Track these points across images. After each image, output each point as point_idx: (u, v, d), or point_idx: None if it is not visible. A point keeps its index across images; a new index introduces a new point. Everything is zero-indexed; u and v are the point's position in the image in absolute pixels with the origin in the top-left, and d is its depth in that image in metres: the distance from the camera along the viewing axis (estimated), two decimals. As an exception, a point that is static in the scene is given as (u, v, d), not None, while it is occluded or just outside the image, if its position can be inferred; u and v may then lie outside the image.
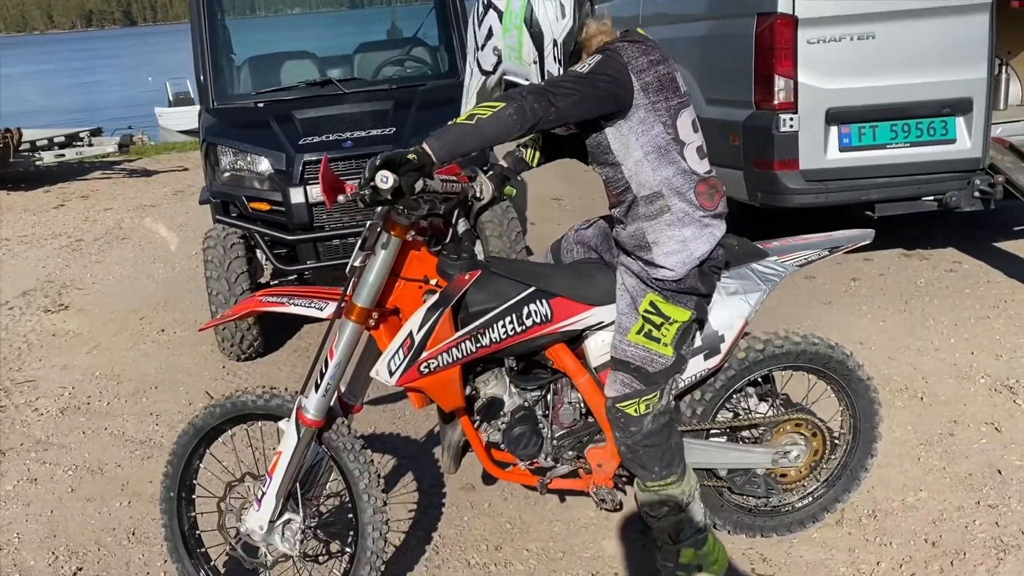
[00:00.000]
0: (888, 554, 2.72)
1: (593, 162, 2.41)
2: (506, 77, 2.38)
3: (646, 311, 2.34)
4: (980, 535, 2.77)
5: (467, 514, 3.10)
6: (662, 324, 2.34)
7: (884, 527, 2.85)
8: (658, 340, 2.34)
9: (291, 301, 2.43)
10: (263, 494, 2.41)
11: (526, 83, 2.32)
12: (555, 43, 2.29)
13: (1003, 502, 2.93)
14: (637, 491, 2.49)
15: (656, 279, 2.33)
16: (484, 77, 2.40)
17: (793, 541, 2.80)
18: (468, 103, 2.44)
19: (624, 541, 2.89)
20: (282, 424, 2.40)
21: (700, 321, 2.44)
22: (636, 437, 2.36)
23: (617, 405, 2.36)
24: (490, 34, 2.34)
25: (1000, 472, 3.10)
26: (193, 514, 2.66)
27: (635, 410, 2.34)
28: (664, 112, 2.26)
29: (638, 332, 2.34)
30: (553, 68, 2.30)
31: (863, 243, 2.71)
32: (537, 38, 2.28)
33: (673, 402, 2.43)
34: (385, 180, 2.04)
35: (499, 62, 2.36)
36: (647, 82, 2.24)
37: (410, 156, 2.04)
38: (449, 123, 2.14)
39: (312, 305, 2.39)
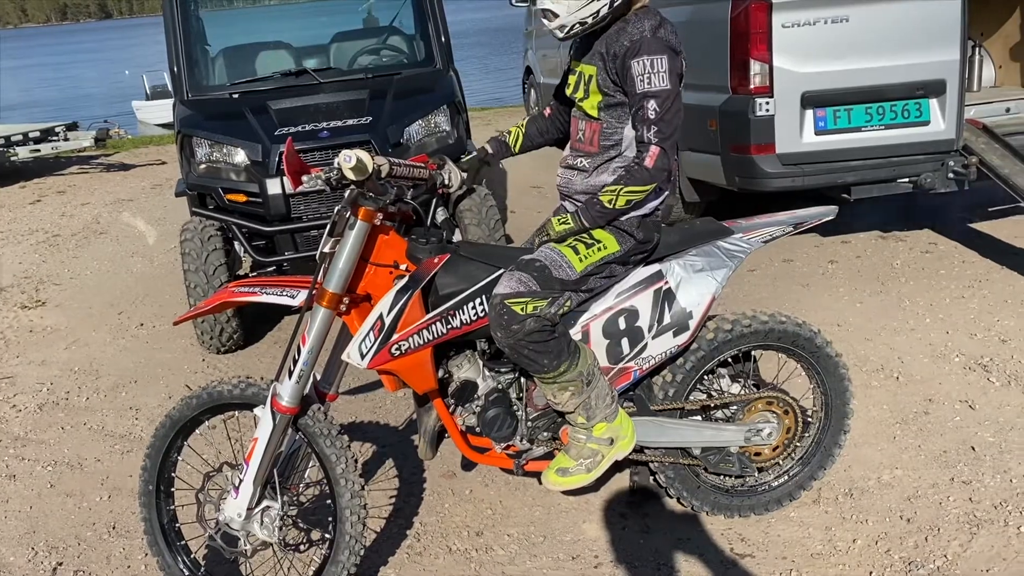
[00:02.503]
0: (864, 531, 2.76)
1: (596, 110, 2.45)
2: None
3: (580, 235, 2.47)
4: (954, 511, 2.81)
5: (448, 501, 3.11)
6: (590, 245, 2.44)
7: (860, 505, 2.88)
8: (576, 252, 2.43)
9: (263, 290, 2.44)
10: (240, 481, 2.42)
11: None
12: None
13: (976, 478, 2.97)
14: (538, 384, 2.49)
15: None
16: None
17: (770, 520, 2.83)
18: None
19: (604, 524, 2.91)
20: (257, 411, 2.42)
21: (623, 263, 2.52)
22: (517, 336, 2.34)
23: (505, 301, 2.34)
24: None
25: (974, 448, 3.14)
26: (172, 507, 2.66)
27: (521, 308, 2.34)
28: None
29: (561, 241, 2.46)
30: (588, 13, 2.33)
31: (827, 219, 2.75)
32: None
33: (558, 316, 2.42)
34: (348, 160, 2.08)
35: None
36: (685, 70, 2.40)
37: (563, 227, 2.43)
38: (604, 202, 2.37)
39: (284, 293, 2.40)
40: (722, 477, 2.83)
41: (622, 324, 2.54)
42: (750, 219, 2.71)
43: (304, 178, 2.21)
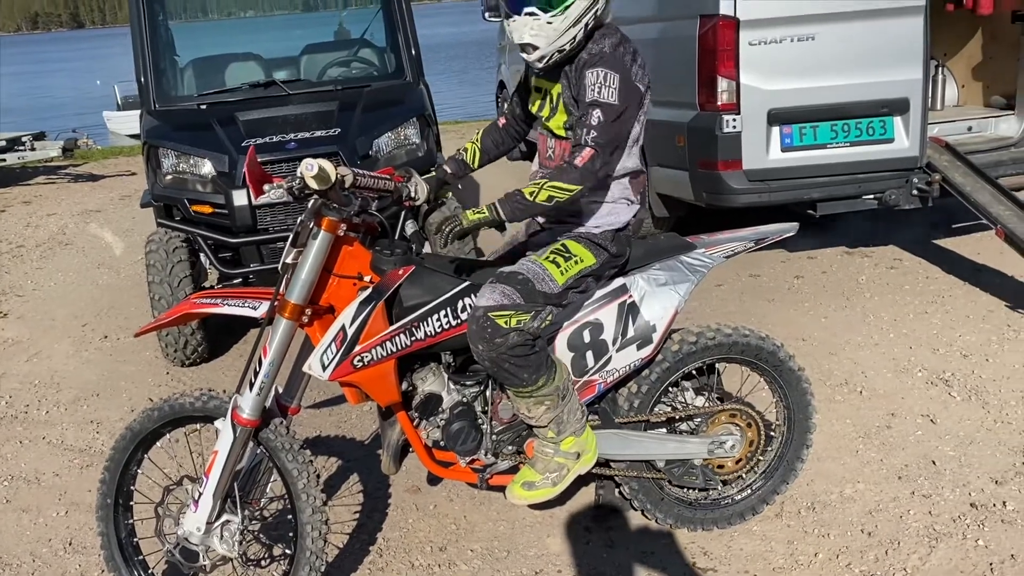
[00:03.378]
0: (826, 545, 2.77)
1: (564, 129, 2.46)
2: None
3: (557, 248, 2.48)
4: (914, 524, 2.83)
5: (412, 516, 3.09)
6: (568, 259, 2.46)
7: (822, 519, 2.90)
8: (557, 266, 2.44)
9: (225, 302, 2.42)
10: (200, 495, 2.39)
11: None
12: (596, 14, 2.36)
13: (936, 492, 3.00)
14: (512, 398, 2.49)
15: (577, 232, 2.50)
16: None
17: (733, 534, 2.84)
18: None
19: (568, 538, 2.90)
20: (218, 424, 2.39)
21: (598, 277, 2.53)
22: (500, 350, 2.33)
23: (489, 313, 2.33)
24: None
25: (934, 463, 3.17)
26: (131, 521, 2.61)
27: (505, 322, 2.33)
28: (642, 115, 2.45)
29: (540, 256, 2.46)
30: (566, 40, 2.33)
31: (788, 235, 2.78)
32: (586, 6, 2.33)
33: (540, 330, 2.42)
34: (311, 168, 2.07)
35: None
36: (646, 87, 2.43)
37: (482, 222, 2.28)
38: (526, 194, 2.29)
39: (246, 305, 2.38)
40: (686, 490, 2.83)
41: (587, 337, 2.55)
42: (713, 235, 2.74)
43: (266, 187, 2.20)
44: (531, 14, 2.32)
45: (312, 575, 2.45)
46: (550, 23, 2.31)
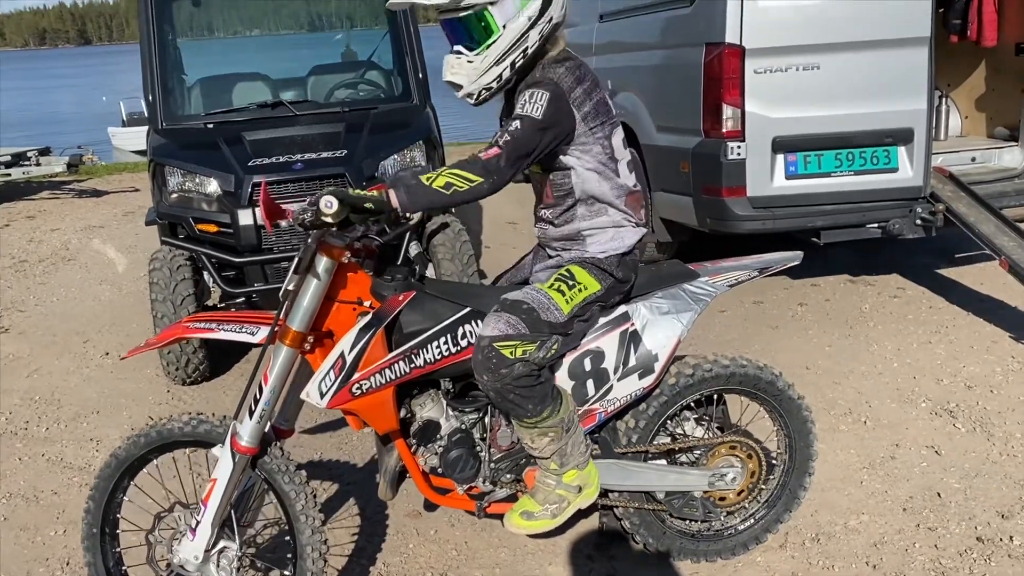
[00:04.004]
0: (830, 577, 2.74)
1: (538, 166, 2.45)
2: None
3: (561, 275, 2.45)
4: (919, 558, 2.81)
5: (412, 541, 3.07)
6: (573, 287, 2.42)
7: (827, 550, 2.87)
8: (562, 294, 2.40)
9: (221, 327, 2.38)
10: (198, 523, 2.36)
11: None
12: (525, 52, 2.35)
13: (942, 525, 2.97)
14: (516, 428, 2.45)
15: (582, 257, 2.47)
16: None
17: (737, 565, 2.81)
18: None
19: (570, 567, 2.88)
20: (215, 451, 2.35)
21: (603, 304, 2.50)
22: (505, 380, 2.31)
23: (494, 344, 2.30)
24: None
25: (940, 495, 3.15)
26: (118, 549, 2.55)
27: (510, 352, 2.31)
28: (601, 135, 2.40)
29: (544, 283, 2.43)
30: (490, 79, 2.34)
31: (792, 264, 2.77)
32: (517, 36, 2.32)
33: (545, 359, 2.40)
34: (330, 205, 2.06)
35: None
36: (586, 112, 2.37)
37: (367, 205, 2.12)
38: (423, 179, 2.19)
39: (243, 330, 2.35)
40: (687, 522, 2.81)
41: (588, 365, 2.53)
42: (716, 263, 2.72)
43: (282, 223, 2.23)
44: (456, 52, 2.36)
45: None
46: (470, 62, 2.34)
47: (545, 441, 2.42)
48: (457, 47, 2.36)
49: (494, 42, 2.31)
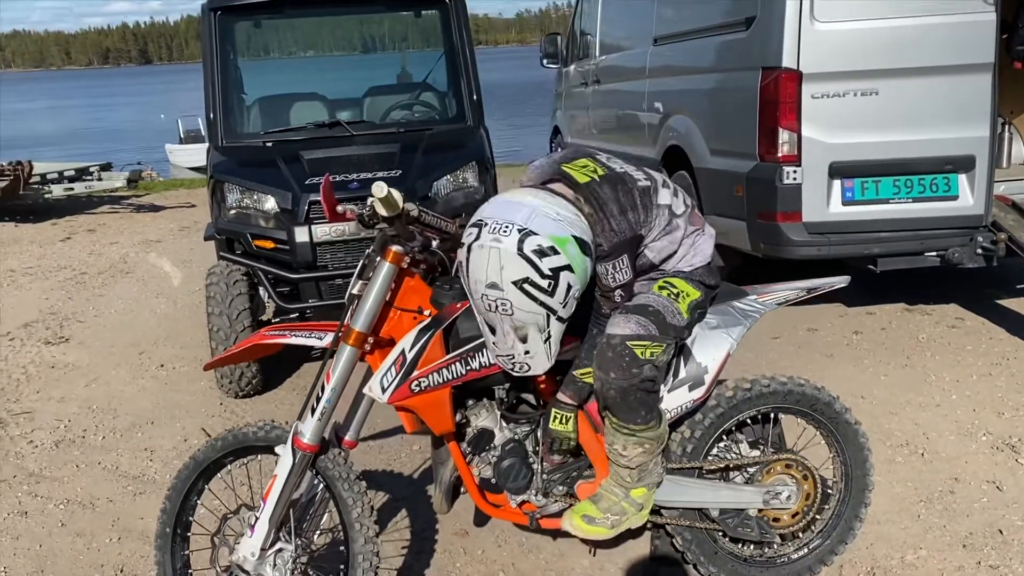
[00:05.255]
0: (886, 613, 2.68)
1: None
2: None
3: (663, 284, 2.44)
4: (980, 596, 2.73)
5: (459, 560, 3.06)
6: (679, 294, 2.41)
7: (883, 585, 2.80)
8: (677, 297, 2.40)
9: (292, 333, 2.52)
10: (256, 520, 2.41)
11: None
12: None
13: (1004, 563, 2.88)
14: (612, 434, 2.41)
15: (676, 269, 2.48)
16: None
17: (790, 597, 2.76)
18: None
19: (618, 592, 2.85)
20: (278, 450, 2.43)
21: (703, 311, 2.51)
22: (635, 380, 2.30)
23: (627, 342, 2.30)
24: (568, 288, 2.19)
25: (1001, 532, 3.06)
26: (187, 552, 2.62)
27: (642, 352, 2.31)
28: (655, 219, 2.38)
29: (660, 288, 2.42)
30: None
31: (839, 286, 2.74)
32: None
33: (666, 364, 2.42)
34: (381, 189, 2.18)
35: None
36: (639, 220, 2.33)
37: (430, 222, 2.35)
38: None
39: (312, 336, 2.48)
40: (740, 545, 2.76)
41: None
42: (764, 286, 2.73)
43: (339, 208, 2.36)
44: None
45: None
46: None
47: (638, 452, 2.41)
48: None
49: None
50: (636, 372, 2.31)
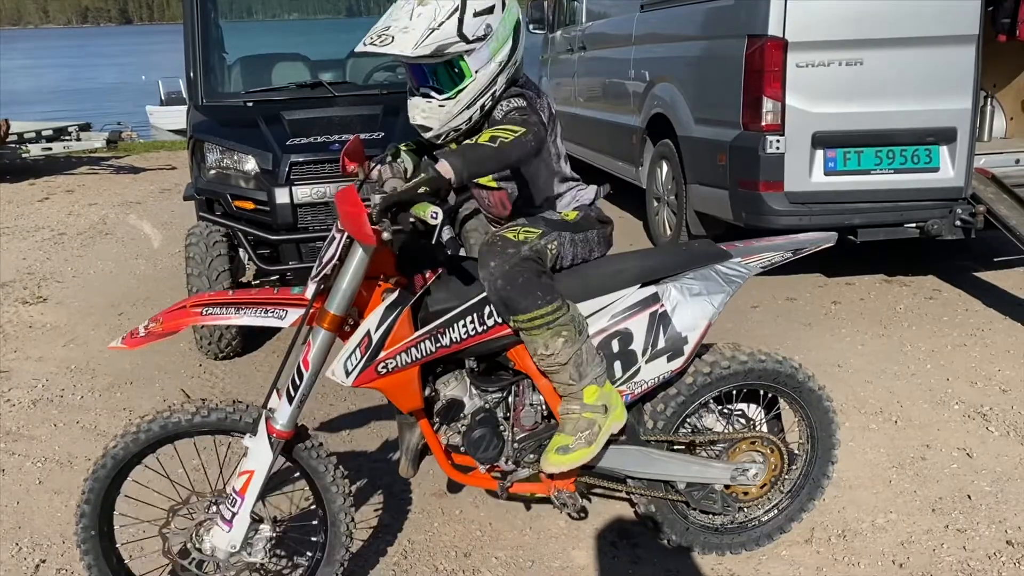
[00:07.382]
0: (855, 574, 2.72)
1: (493, 180, 2.52)
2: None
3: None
4: (947, 559, 2.78)
5: (437, 520, 3.09)
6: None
7: (853, 547, 2.85)
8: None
9: (241, 311, 2.28)
10: (234, 514, 2.30)
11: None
12: (493, 95, 2.39)
13: (971, 527, 2.94)
14: (528, 338, 2.37)
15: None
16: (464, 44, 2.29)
17: (761, 558, 2.80)
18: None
19: (594, 552, 2.88)
20: (247, 441, 2.30)
21: (598, 236, 2.60)
22: (512, 261, 2.30)
23: (499, 233, 2.40)
24: (490, 11, 2.31)
25: (970, 497, 3.12)
26: (118, 545, 2.45)
27: (515, 235, 2.37)
28: (554, 135, 2.52)
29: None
30: (460, 121, 2.38)
31: (826, 246, 2.73)
32: (489, 81, 2.36)
33: (548, 253, 2.43)
34: (435, 216, 1.98)
35: (480, 40, 2.29)
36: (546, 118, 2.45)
37: (423, 190, 2.03)
38: (467, 143, 2.22)
39: (270, 314, 2.27)
40: (710, 516, 2.79)
41: (615, 346, 2.50)
42: (748, 242, 2.69)
43: (350, 168, 2.39)
44: (425, 96, 2.37)
45: (347, 555, 2.48)
46: (442, 106, 2.34)
47: (559, 343, 2.34)
48: (424, 89, 2.36)
49: (466, 87, 2.32)
50: (512, 252, 2.32)
